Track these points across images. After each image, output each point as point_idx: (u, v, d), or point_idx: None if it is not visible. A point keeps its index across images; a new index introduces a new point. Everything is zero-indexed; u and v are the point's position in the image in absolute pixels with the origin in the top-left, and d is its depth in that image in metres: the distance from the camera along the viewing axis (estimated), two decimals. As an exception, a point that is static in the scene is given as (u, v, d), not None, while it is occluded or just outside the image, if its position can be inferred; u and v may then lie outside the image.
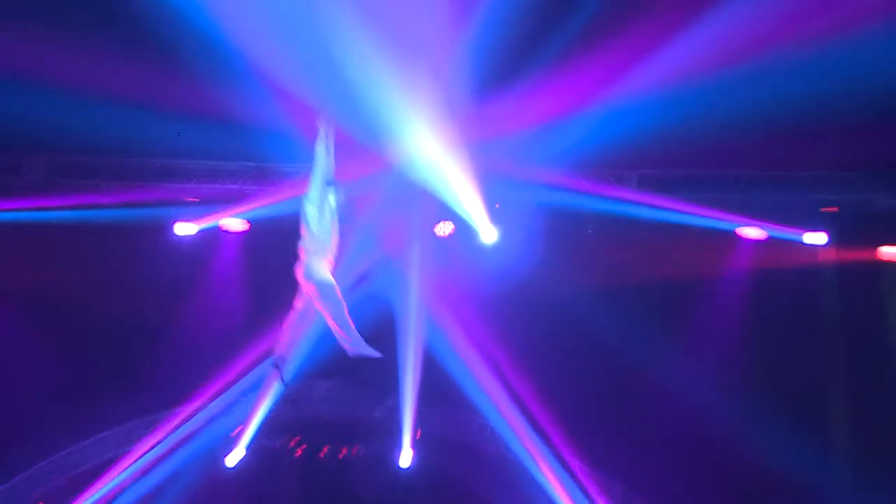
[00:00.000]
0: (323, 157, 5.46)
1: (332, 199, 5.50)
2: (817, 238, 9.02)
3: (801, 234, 9.03)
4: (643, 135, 8.66)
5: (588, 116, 8.63)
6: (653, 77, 8.13)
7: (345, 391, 9.71)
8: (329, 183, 5.51)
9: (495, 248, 8.97)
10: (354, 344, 5.34)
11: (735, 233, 9.20)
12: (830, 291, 9.84)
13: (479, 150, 8.66)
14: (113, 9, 7.28)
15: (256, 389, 9.18)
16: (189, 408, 9.33)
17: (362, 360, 5.59)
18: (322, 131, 5.56)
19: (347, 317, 5.33)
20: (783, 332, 10.00)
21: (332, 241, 5.45)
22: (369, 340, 5.30)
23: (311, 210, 5.35)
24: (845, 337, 9.99)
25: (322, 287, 5.33)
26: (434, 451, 9.88)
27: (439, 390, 9.33)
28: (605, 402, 9.67)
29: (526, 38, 8.24)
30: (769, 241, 9.24)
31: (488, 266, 9.19)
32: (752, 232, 9.06)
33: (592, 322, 9.34)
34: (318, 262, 5.41)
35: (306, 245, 5.37)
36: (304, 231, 5.37)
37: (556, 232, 9.33)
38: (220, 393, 9.34)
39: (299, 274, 5.37)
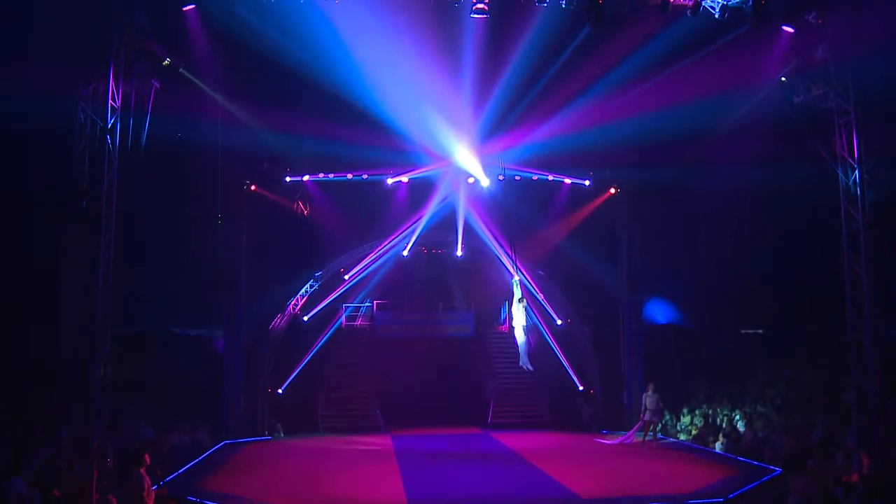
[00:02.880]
0: (518, 299, 16.20)
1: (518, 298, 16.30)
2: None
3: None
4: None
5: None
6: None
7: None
8: (519, 300, 16.16)
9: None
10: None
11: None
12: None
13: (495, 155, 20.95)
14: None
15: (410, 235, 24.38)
16: (388, 239, 24.77)
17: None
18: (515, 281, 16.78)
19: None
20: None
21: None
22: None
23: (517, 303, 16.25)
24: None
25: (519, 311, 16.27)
26: (468, 251, 24.39)
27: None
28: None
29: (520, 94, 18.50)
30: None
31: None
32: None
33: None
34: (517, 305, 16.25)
35: (517, 301, 16.19)
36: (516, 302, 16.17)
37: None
38: (400, 233, 24.25)
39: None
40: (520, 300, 16.13)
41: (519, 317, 16.05)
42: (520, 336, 16.15)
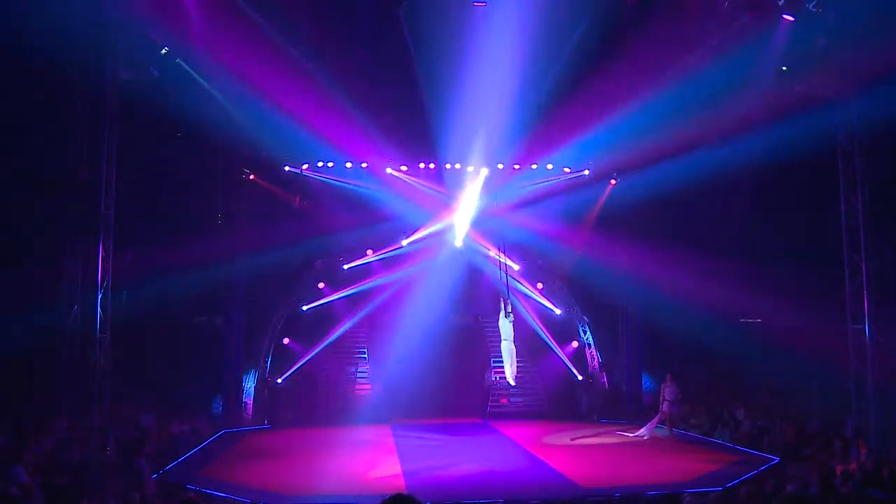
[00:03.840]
0: (505, 313, 15.95)
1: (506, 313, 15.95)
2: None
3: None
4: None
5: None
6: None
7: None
8: (507, 314, 15.85)
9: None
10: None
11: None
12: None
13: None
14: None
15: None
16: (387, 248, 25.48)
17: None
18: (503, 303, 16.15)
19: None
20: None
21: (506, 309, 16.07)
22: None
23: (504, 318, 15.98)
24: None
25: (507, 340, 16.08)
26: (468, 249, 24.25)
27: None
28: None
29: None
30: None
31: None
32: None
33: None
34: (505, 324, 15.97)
35: (504, 315, 15.88)
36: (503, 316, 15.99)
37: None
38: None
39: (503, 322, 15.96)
40: (507, 314, 16.05)
41: (506, 331, 16.02)
42: (505, 349, 16.05)
